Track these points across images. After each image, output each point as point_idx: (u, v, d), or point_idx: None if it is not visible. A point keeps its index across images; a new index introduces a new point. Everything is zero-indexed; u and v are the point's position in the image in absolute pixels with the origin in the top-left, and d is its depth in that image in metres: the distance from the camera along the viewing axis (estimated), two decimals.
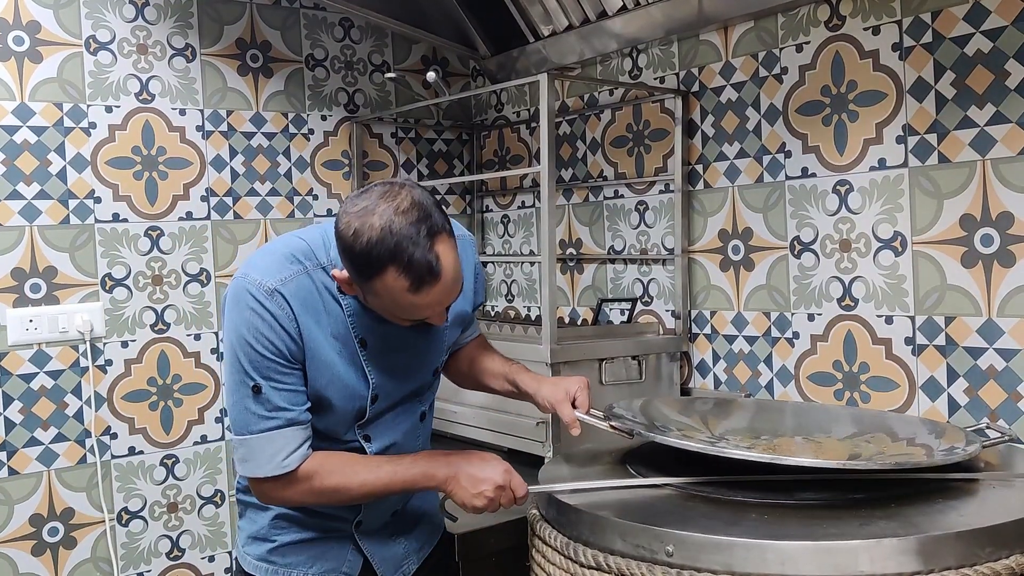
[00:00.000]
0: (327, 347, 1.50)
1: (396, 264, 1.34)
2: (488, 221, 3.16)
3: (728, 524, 1.30)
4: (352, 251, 1.36)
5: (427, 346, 1.63)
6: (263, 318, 1.45)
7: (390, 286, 1.36)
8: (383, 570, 1.68)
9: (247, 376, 1.46)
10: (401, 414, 1.64)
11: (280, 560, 1.63)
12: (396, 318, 1.47)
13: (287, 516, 1.62)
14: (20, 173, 2.39)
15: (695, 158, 2.43)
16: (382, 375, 1.56)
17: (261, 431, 1.47)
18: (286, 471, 1.47)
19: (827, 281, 2.14)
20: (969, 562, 1.21)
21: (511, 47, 2.80)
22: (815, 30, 2.14)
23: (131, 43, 2.56)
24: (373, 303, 1.46)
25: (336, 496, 1.52)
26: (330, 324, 1.50)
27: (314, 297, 1.49)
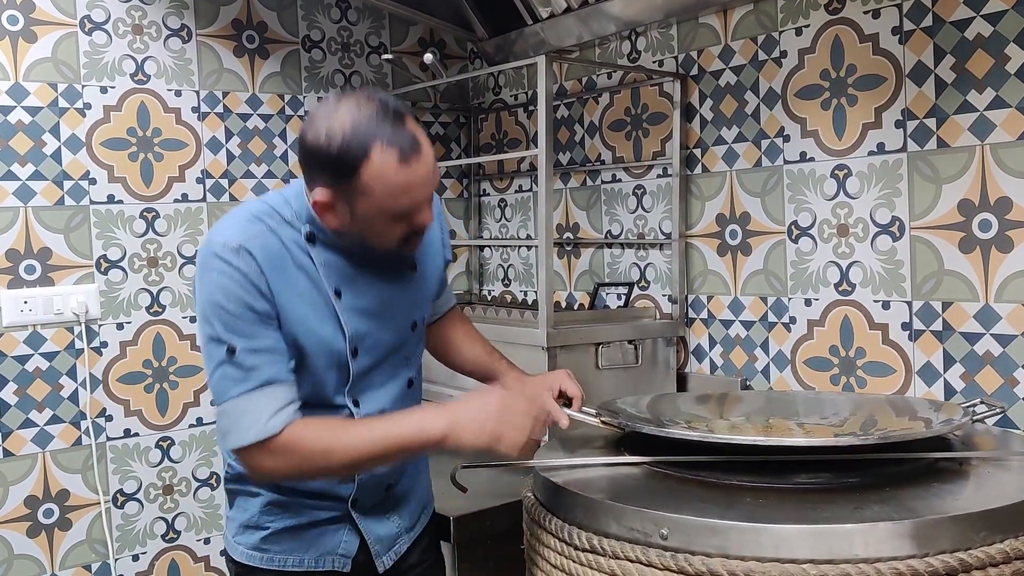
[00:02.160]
0: (298, 302, 1.47)
1: (379, 141, 1.34)
2: (485, 205, 3.15)
3: (723, 508, 1.30)
4: (331, 152, 1.35)
5: (403, 295, 1.60)
6: (231, 276, 1.42)
7: (378, 168, 1.35)
8: (377, 549, 1.66)
9: (220, 340, 1.42)
10: (388, 377, 1.60)
11: (274, 548, 1.61)
12: (386, 228, 1.43)
13: (279, 502, 1.60)
14: (14, 154, 2.38)
15: (693, 142, 2.42)
16: (359, 326, 1.52)
17: (240, 394, 1.41)
18: (271, 434, 1.40)
19: (824, 266, 2.13)
20: (964, 546, 1.21)
21: (509, 29, 2.78)
22: (815, 13, 2.12)
23: (126, 23, 2.54)
24: (362, 211, 1.40)
25: (327, 462, 1.43)
26: (301, 278, 1.47)
27: (281, 252, 1.46)
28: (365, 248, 1.51)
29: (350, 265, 1.52)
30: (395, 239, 1.47)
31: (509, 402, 1.46)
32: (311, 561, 1.62)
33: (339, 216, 1.44)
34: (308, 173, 1.44)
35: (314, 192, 1.42)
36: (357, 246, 1.51)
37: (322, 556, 1.62)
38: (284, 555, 1.61)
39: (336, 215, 1.44)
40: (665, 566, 1.26)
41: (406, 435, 1.44)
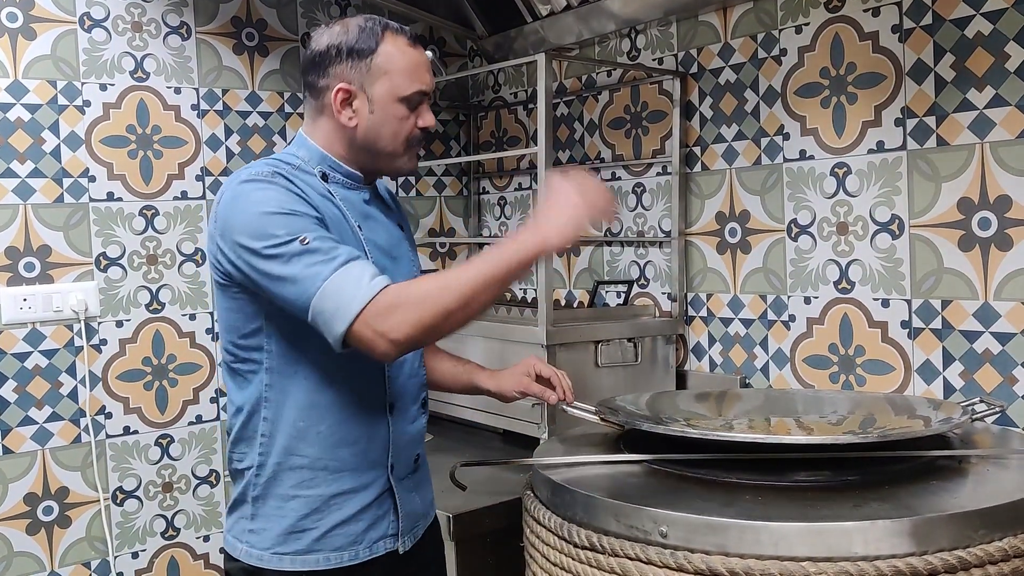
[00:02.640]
0: (339, 228, 1.49)
1: (389, 28, 1.52)
2: (485, 203, 3.15)
3: (722, 505, 1.31)
4: (349, 40, 1.50)
5: (403, 245, 1.66)
6: (275, 188, 1.43)
7: (392, 47, 1.51)
8: (404, 526, 1.61)
9: (288, 241, 1.39)
10: None
11: (327, 546, 1.53)
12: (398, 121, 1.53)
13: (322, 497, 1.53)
14: (14, 151, 2.38)
15: (693, 140, 2.42)
16: (379, 259, 1.54)
17: (332, 272, 1.37)
18: (376, 292, 1.36)
19: (824, 264, 2.13)
20: (962, 544, 1.22)
21: (509, 27, 2.78)
22: (815, 11, 2.12)
23: (126, 21, 2.54)
24: (379, 96, 1.51)
25: (443, 300, 1.37)
26: (329, 208, 1.50)
27: (306, 188, 1.49)
28: (376, 158, 1.56)
29: (363, 204, 1.58)
30: (404, 136, 1.55)
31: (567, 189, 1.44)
32: (365, 551, 1.56)
33: (358, 107, 1.52)
34: (324, 76, 1.52)
35: (334, 92, 1.51)
36: (369, 159, 1.56)
37: (375, 543, 1.57)
38: (340, 552, 1.54)
39: (355, 107, 1.52)
40: (664, 564, 1.27)
41: (508, 256, 1.40)
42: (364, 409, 1.54)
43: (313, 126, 1.57)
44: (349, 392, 1.53)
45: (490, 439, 2.41)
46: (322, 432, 1.52)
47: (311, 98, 1.56)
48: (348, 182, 1.57)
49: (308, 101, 1.58)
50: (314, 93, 1.55)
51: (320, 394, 1.51)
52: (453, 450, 2.30)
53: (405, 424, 1.60)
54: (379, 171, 1.61)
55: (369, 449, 1.56)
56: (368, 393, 1.55)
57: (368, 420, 1.55)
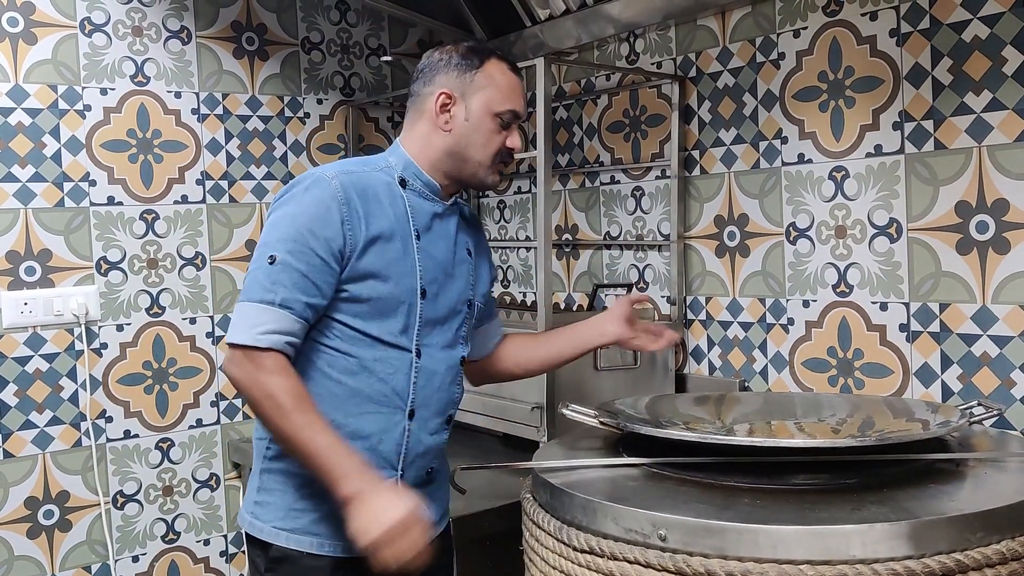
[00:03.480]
0: (388, 228, 1.58)
1: (495, 54, 1.67)
2: (484, 206, 3.16)
3: (721, 508, 1.31)
4: (460, 52, 1.65)
5: (463, 267, 1.72)
6: (314, 196, 1.54)
7: (495, 66, 1.65)
8: None
9: (269, 246, 1.53)
10: (448, 342, 1.67)
11: (325, 531, 1.56)
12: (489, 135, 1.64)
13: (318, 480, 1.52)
14: (14, 155, 2.38)
15: (691, 144, 2.43)
16: (429, 270, 1.63)
17: (255, 300, 1.51)
18: (254, 344, 1.48)
19: (822, 267, 2.14)
20: (960, 547, 1.22)
21: (508, 31, 2.79)
22: (812, 15, 2.13)
23: (126, 25, 2.54)
24: (476, 107, 1.63)
25: (269, 406, 1.49)
26: (393, 209, 1.60)
27: (377, 187, 1.60)
28: (463, 166, 1.66)
29: (431, 216, 1.66)
30: (492, 152, 1.65)
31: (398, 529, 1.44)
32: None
33: (455, 114, 1.63)
34: (429, 83, 1.65)
35: (436, 96, 1.64)
36: (456, 166, 1.66)
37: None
38: (336, 540, 1.56)
39: (452, 113, 1.63)
40: (663, 567, 1.27)
41: (327, 465, 1.47)
42: (384, 409, 1.59)
43: (409, 133, 1.68)
44: (372, 388, 1.58)
45: (490, 442, 2.41)
46: (337, 420, 1.55)
47: (413, 106, 1.69)
48: (425, 192, 1.66)
49: (410, 111, 1.69)
50: (417, 100, 1.67)
51: (341, 385, 1.57)
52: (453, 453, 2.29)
53: (423, 434, 1.64)
54: (464, 181, 1.69)
55: (381, 448, 1.59)
56: (392, 394, 1.60)
57: (386, 420, 1.60)
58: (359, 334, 1.57)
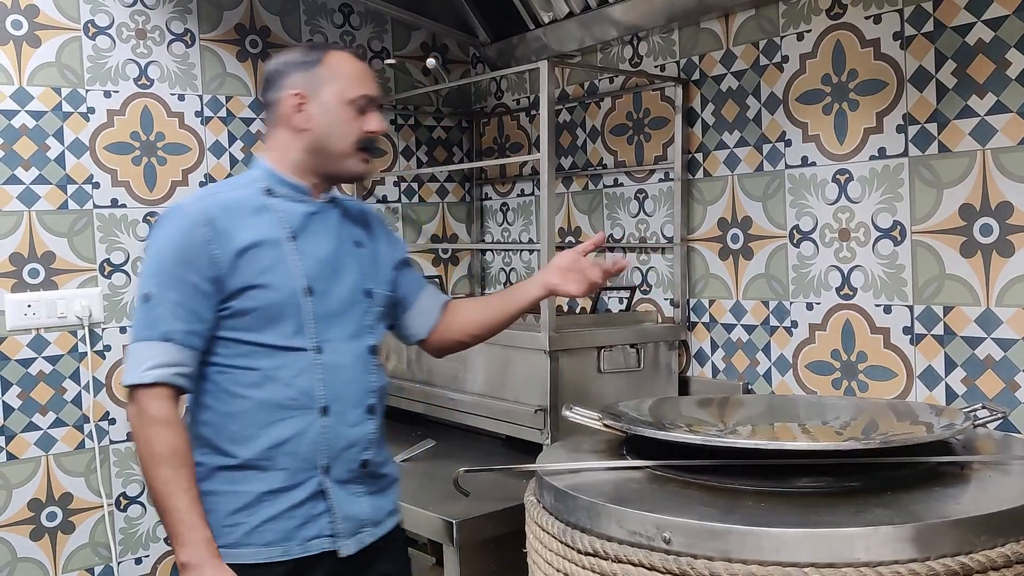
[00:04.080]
0: (256, 239, 1.61)
1: (334, 46, 1.72)
2: (487, 209, 3.16)
3: (725, 511, 1.31)
4: (300, 52, 1.69)
5: (353, 258, 1.74)
6: (175, 227, 1.59)
7: (338, 57, 1.68)
8: (343, 528, 1.65)
9: (144, 285, 1.59)
10: (350, 335, 1.69)
11: (257, 541, 1.60)
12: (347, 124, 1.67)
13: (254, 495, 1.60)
14: (18, 158, 2.39)
15: (695, 146, 2.43)
16: (312, 268, 1.66)
17: (139, 339, 1.57)
18: (140, 382, 1.53)
19: (826, 270, 2.14)
20: (964, 550, 1.22)
21: (511, 34, 2.79)
22: (816, 18, 2.13)
23: (130, 28, 2.55)
24: (327, 99, 1.65)
25: (144, 451, 1.55)
26: (262, 221, 1.64)
27: (239, 204, 1.64)
28: (328, 160, 1.68)
29: (304, 216, 1.68)
30: (353, 139, 1.68)
31: None
32: (297, 547, 1.62)
33: (310, 109, 1.65)
34: (279, 89, 1.67)
35: (288, 97, 1.66)
36: (321, 161, 1.68)
37: (309, 541, 1.63)
38: (270, 547, 1.61)
39: (307, 109, 1.65)
40: (667, 569, 1.27)
41: (177, 527, 1.54)
42: (296, 412, 1.62)
43: (268, 144, 1.73)
44: (280, 395, 1.62)
45: (493, 445, 2.41)
46: (252, 433, 1.61)
47: (268, 115, 1.73)
48: (293, 195, 1.69)
49: (266, 121, 1.74)
50: (270, 108, 1.71)
51: (249, 400, 1.61)
52: (456, 456, 2.31)
53: (343, 428, 1.66)
54: (332, 175, 1.72)
55: (301, 451, 1.62)
56: (300, 396, 1.62)
57: (300, 423, 1.62)
58: (254, 346, 1.61)
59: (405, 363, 2.68)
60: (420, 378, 2.61)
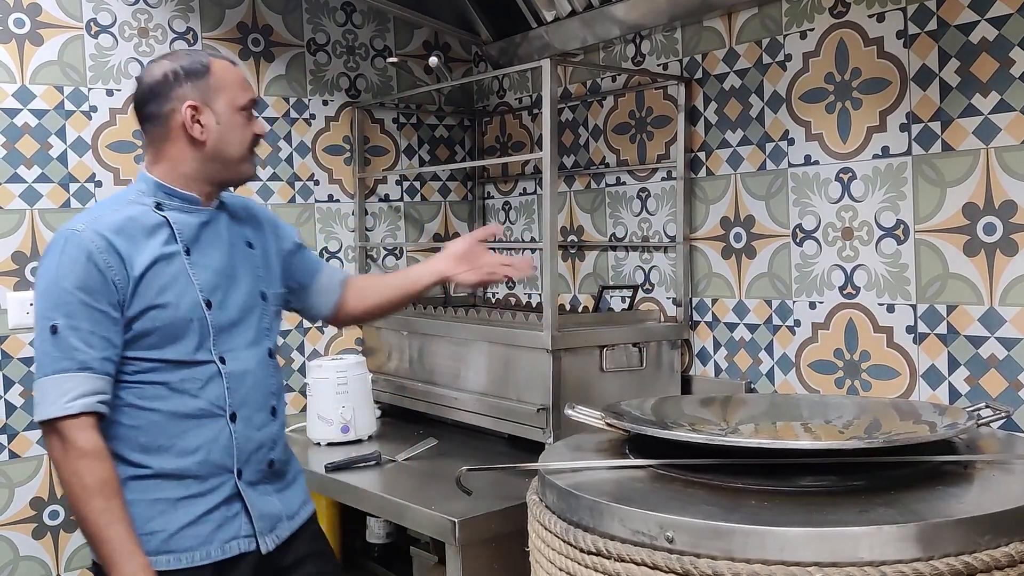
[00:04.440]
0: (153, 258, 1.63)
1: (212, 56, 1.72)
2: (489, 207, 3.16)
3: (728, 510, 1.31)
4: (183, 64, 1.67)
5: (247, 263, 1.78)
6: (71, 255, 1.58)
7: (221, 65, 1.70)
8: (261, 527, 1.71)
9: (47, 317, 1.57)
10: (250, 341, 1.74)
11: (178, 546, 1.63)
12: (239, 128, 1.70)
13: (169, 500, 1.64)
14: (21, 156, 2.39)
15: (697, 145, 2.42)
16: (208, 279, 1.69)
17: (53, 372, 1.56)
18: (67, 413, 1.54)
19: (829, 269, 2.13)
20: (968, 549, 1.21)
21: (513, 32, 2.79)
22: (819, 17, 2.13)
23: (132, 26, 2.55)
24: (221, 108, 1.67)
25: (74, 484, 1.55)
26: (157, 240, 1.65)
27: (132, 223, 1.64)
28: (225, 167, 1.71)
29: (197, 227, 1.71)
30: (248, 144, 1.72)
31: None
32: (217, 550, 1.67)
33: (206, 120, 1.67)
34: (167, 101, 1.66)
35: (184, 110, 1.65)
36: (218, 170, 1.71)
37: (227, 543, 1.68)
38: (190, 552, 1.64)
39: (204, 120, 1.67)
40: (670, 569, 1.27)
41: (112, 557, 1.54)
42: (205, 420, 1.66)
43: (154, 159, 1.71)
44: (187, 406, 1.65)
45: (495, 444, 2.41)
46: (163, 444, 1.64)
47: (154, 128, 1.69)
48: (183, 206, 1.70)
49: (150, 135, 1.71)
50: (157, 121, 1.68)
51: (157, 412, 1.64)
52: (458, 455, 2.31)
53: (251, 431, 1.71)
54: (227, 181, 1.76)
55: (213, 458, 1.67)
56: (209, 406, 1.67)
57: (209, 431, 1.67)
58: (157, 362, 1.64)
59: (407, 363, 2.68)
60: (422, 377, 2.61)
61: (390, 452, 2.32)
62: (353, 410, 2.45)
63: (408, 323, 2.66)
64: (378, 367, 2.78)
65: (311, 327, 2.83)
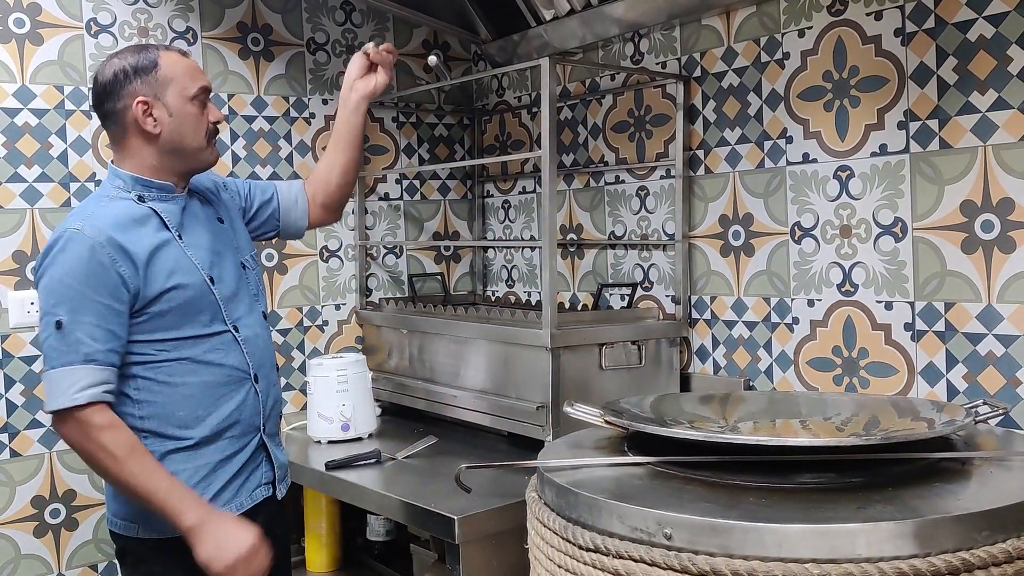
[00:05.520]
0: (155, 246, 1.71)
1: (161, 48, 1.76)
2: (489, 206, 3.16)
3: (726, 507, 1.31)
4: (131, 61, 1.72)
5: (224, 237, 1.87)
6: (74, 253, 1.64)
7: (170, 58, 1.74)
8: (280, 474, 1.90)
9: (51, 313, 1.64)
10: (249, 308, 1.86)
11: (218, 504, 1.76)
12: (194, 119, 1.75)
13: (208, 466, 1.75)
14: (21, 156, 2.39)
15: (696, 143, 2.43)
16: (204, 257, 1.79)
17: (60, 365, 1.62)
18: (76, 403, 1.61)
19: (827, 267, 2.14)
20: (966, 546, 1.22)
21: (513, 31, 2.79)
22: (817, 15, 2.13)
23: (132, 26, 2.55)
24: (172, 101, 1.72)
25: (103, 457, 1.63)
26: (150, 229, 1.73)
27: (127, 216, 1.71)
28: (184, 157, 1.77)
29: (180, 213, 1.79)
30: (204, 133, 1.77)
31: (251, 554, 1.66)
32: (247, 500, 1.82)
33: (157, 114, 1.72)
34: (119, 99, 1.71)
35: (135, 106, 1.71)
36: (178, 160, 1.77)
37: (254, 491, 1.83)
38: (228, 505, 1.78)
39: (156, 116, 1.72)
40: (669, 565, 1.27)
41: (166, 502, 1.64)
42: (234, 385, 1.79)
43: (121, 154, 1.78)
44: (216, 375, 1.77)
45: (495, 441, 2.42)
46: (200, 415, 1.75)
47: (113, 126, 1.76)
48: (163, 195, 1.78)
49: (111, 132, 1.77)
50: (114, 119, 1.75)
51: (189, 386, 1.74)
52: (458, 453, 2.31)
53: (269, 388, 1.87)
54: (189, 170, 1.82)
55: (245, 417, 1.81)
56: (234, 371, 1.79)
57: (240, 394, 1.80)
58: (179, 340, 1.73)
59: (407, 361, 2.69)
60: (422, 375, 2.62)
61: (390, 450, 2.32)
62: (353, 408, 2.46)
63: (408, 321, 2.66)
64: (378, 365, 2.78)
65: (311, 326, 2.83)
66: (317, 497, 2.55)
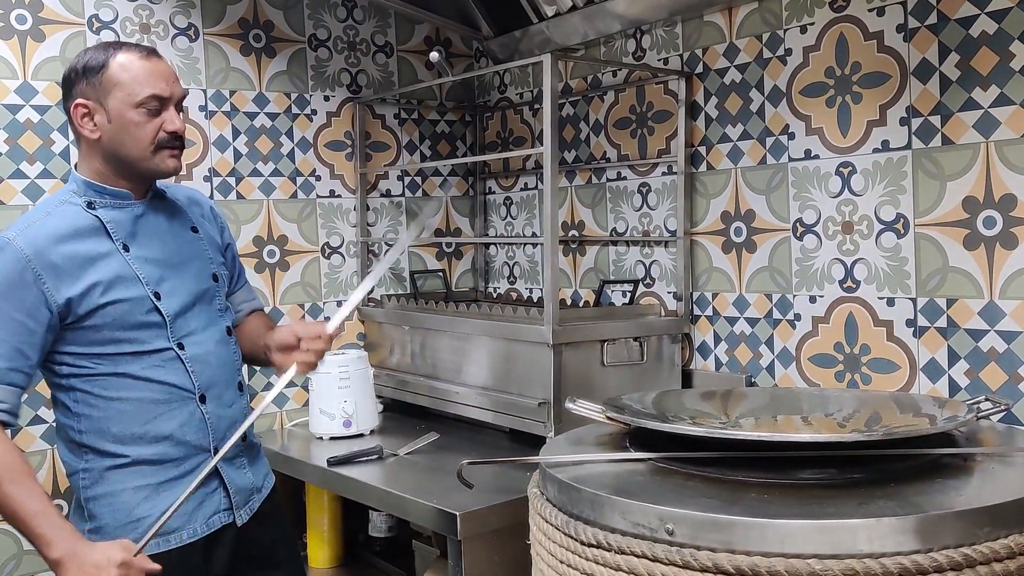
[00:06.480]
0: (91, 258, 1.64)
1: (122, 47, 1.66)
2: (491, 203, 3.16)
3: (728, 503, 1.31)
4: (80, 63, 1.65)
5: (193, 247, 1.80)
6: (2, 264, 1.59)
7: (123, 60, 1.64)
8: (237, 500, 1.79)
9: None
10: (206, 323, 1.77)
11: (166, 529, 1.65)
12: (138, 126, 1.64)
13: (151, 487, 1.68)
14: (23, 152, 2.39)
15: (698, 140, 2.43)
16: (152, 272, 1.70)
17: None
18: None
19: (829, 263, 2.14)
20: (968, 541, 1.22)
21: (515, 28, 2.79)
22: (819, 11, 2.13)
23: (134, 22, 2.55)
24: (114, 106, 1.63)
25: None
26: (92, 241, 1.66)
27: (66, 228, 1.65)
28: (128, 165, 1.68)
29: (132, 221, 1.72)
30: (148, 142, 1.66)
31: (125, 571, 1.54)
32: (202, 527, 1.73)
33: (97, 119, 1.65)
34: (69, 99, 1.66)
35: (73, 109, 1.65)
36: (122, 167, 1.68)
37: (210, 518, 1.74)
38: (177, 532, 1.70)
39: (95, 119, 1.65)
40: (671, 561, 1.27)
41: (37, 530, 1.57)
42: (174, 404, 1.71)
43: (80, 157, 1.73)
44: (155, 392, 1.69)
45: (496, 438, 2.42)
46: (136, 432, 1.67)
47: (69, 126, 1.71)
48: (115, 202, 1.71)
49: (72, 132, 1.72)
50: (69, 119, 1.69)
51: (126, 401, 1.67)
52: (460, 449, 2.31)
53: (222, 410, 1.77)
54: (141, 175, 1.72)
55: (188, 439, 1.71)
56: (175, 390, 1.71)
57: (181, 414, 1.71)
58: (116, 356, 1.66)
59: (409, 357, 2.69)
60: (424, 372, 2.62)
61: (392, 446, 2.32)
62: (355, 404, 2.46)
63: (410, 318, 2.67)
64: (380, 362, 2.79)
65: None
66: (319, 493, 2.55)
